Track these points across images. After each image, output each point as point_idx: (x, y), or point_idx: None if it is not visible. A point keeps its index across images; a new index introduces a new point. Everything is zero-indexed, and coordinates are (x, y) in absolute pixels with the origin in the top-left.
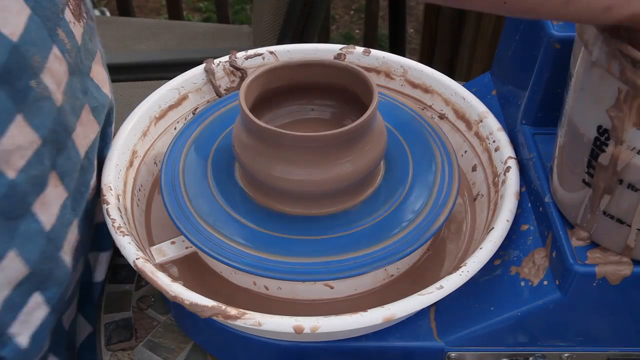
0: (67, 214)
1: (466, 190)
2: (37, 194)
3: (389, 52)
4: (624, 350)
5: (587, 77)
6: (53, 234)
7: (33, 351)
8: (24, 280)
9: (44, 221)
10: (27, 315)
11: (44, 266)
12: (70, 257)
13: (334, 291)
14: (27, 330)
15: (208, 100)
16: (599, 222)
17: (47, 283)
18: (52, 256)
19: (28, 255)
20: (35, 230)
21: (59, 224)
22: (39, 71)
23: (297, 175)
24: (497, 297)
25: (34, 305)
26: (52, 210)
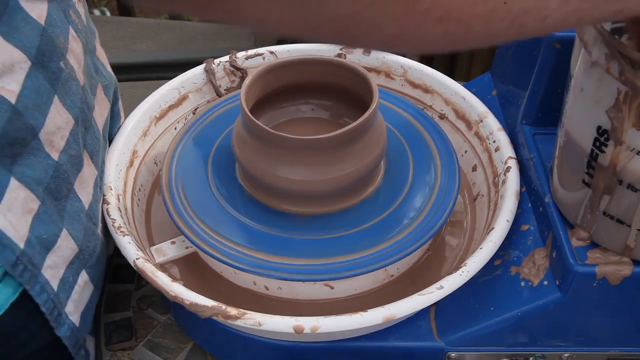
0: (98, 191)
1: (466, 190)
2: (76, 174)
3: (389, 52)
4: (624, 350)
5: (587, 78)
6: (91, 211)
7: (83, 330)
8: (74, 258)
9: (84, 200)
10: (78, 294)
11: (88, 244)
12: (103, 233)
13: (334, 291)
14: (78, 309)
15: (208, 100)
16: (599, 222)
17: (91, 261)
18: (93, 233)
19: (76, 234)
20: (78, 208)
21: (94, 202)
22: (65, 52)
23: (297, 175)
24: (497, 297)
25: (82, 283)
26: (89, 189)
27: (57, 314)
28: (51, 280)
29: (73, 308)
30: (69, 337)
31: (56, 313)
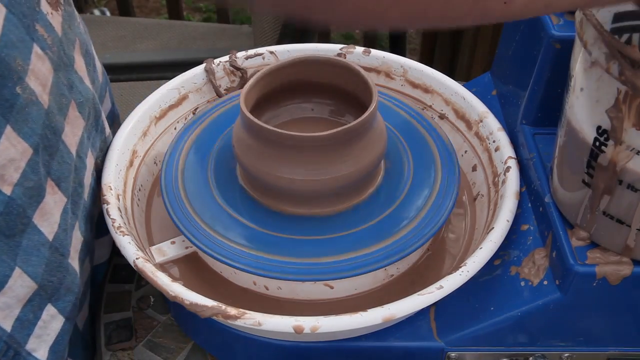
0: (68, 219)
1: (466, 190)
2: (36, 206)
3: (389, 52)
4: (624, 350)
5: (587, 78)
6: (57, 242)
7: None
8: (33, 296)
9: (46, 232)
10: (42, 329)
11: (52, 277)
12: (77, 262)
13: (334, 291)
14: (44, 343)
15: (208, 100)
16: (599, 222)
17: (58, 293)
18: (59, 265)
19: (34, 270)
20: (37, 242)
21: (62, 231)
22: (24, 75)
23: (297, 175)
24: (497, 297)
25: (47, 318)
26: (53, 219)
27: (13, 355)
28: (2, 322)
29: (37, 344)
30: None
31: (12, 354)
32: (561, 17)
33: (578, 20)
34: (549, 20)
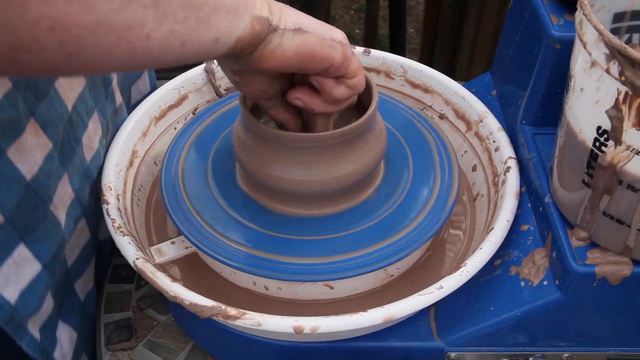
0: (54, 165)
1: (466, 190)
2: (11, 139)
3: (389, 52)
4: (624, 350)
5: (587, 78)
6: (36, 184)
7: (25, 309)
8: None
9: (23, 169)
10: (12, 269)
11: (24, 216)
12: (63, 214)
13: (334, 291)
14: (14, 284)
15: (208, 100)
16: (599, 222)
17: (33, 236)
18: (35, 208)
19: (1, 202)
20: (10, 176)
21: (44, 176)
22: None
23: (297, 175)
24: (497, 297)
25: (19, 259)
26: (34, 159)
27: None
28: None
29: (4, 282)
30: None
31: None
32: (561, 17)
33: (578, 21)
34: (549, 20)
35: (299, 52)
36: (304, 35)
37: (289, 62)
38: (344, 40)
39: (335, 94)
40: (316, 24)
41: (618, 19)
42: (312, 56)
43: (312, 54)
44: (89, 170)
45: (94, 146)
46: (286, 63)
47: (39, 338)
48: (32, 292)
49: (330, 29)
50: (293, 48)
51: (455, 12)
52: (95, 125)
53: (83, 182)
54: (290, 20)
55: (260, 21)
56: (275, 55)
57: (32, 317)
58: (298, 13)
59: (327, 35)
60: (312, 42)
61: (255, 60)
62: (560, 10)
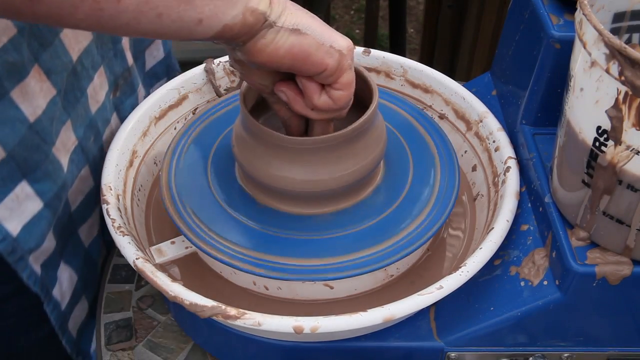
0: (57, 111)
1: (466, 190)
2: (16, 82)
3: (389, 52)
4: (624, 350)
5: (587, 78)
6: (39, 126)
7: (27, 243)
8: (1, 163)
9: (27, 111)
10: (15, 203)
11: (27, 154)
12: (65, 157)
13: (334, 291)
14: (17, 218)
15: (208, 100)
16: (599, 222)
17: (36, 174)
18: (37, 147)
19: (3, 138)
20: (13, 116)
21: (47, 119)
22: None
23: (297, 175)
24: (497, 297)
25: (22, 194)
26: (37, 103)
27: None
28: None
29: (7, 215)
30: (1, 241)
31: None
32: (561, 17)
33: (578, 21)
34: (549, 20)
35: (291, 52)
36: (301, 37)
37: (280, 60)
38: (345, 50)
39: (316, 101)
40: (319, 29)
41: (618, 19)
42: (305, 59)
43: (305, 56)
44: (94, 121)
45: (100, 99)
46: (278, 60)
47: (39, 273)
48: (33, 227)
49: (332, 36)
50: (286, 47)
51: (455, 12)
52: (102, 80)
53: (87, 132)
54: (290, 20)
55: (254, 14)
56: (267, 50)
57: (33, 252)
58: (304, 15)
59: (327, 42)
60: (307, 44)
61: (247, 52)
62: (560, 10)
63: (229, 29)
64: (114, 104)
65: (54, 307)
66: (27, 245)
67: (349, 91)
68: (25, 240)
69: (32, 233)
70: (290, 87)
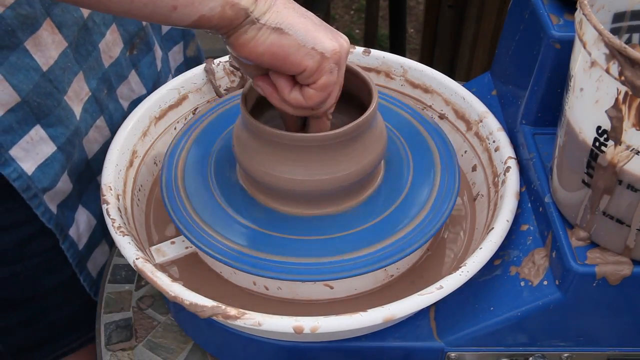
0: (69, 62)
1: (466, 190)
2: (29, 33)
3: (389, 52)
4: (624, 350)
5: (587, 78)
6: (51, 75)
7: (40, 182)
8: (16, 107)
9: (40, 61)
10: (29, 145)
11: (40, 100)
12: (79, 107)
13: (334, 291)
14: (32, 159)
15: (208, 100)
16: (599, 222)
17: (49, 119)
18: (50, 94)
19: (18, 84)
20: (27, 65)
21: (59, 69)
22: None
23: (297, 175)
24: (497, 297)
25: (36, 137)
26: (49, 53)
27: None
28: None
29: (23, 155)
30: (15, 179)
31: None
32: (561, 17)
33: (578, 21)
34: (549, 20)
35: (270, 50)
36: (281, 37)
37: (260, 57)
38: (329, 53)
39: (286, 96)
40: (303, 29)
41: (618, 19)
42: (284, 58)
43: (284, 56)
44: (107, 75)
45: (114, 55)
46: (258, 57)
47: (55, 212)
48: (47, 168)
49: (317, 38)
50: (266, 45)
51: (455, 12)
52: (115, 36)
53: (100, 85)
54: (274, 18)
55: (234, 8)
56: (248, 46)
57: (48, 191)
58: (291, 14)
59: (309, 43)
60: (287, 45)
61: (231, 45)
62: (560, 10)
63: (207, 19)
64: (131, 62)
65: (70, 246)
66: (40, 184)
67: (324, 93)
68: (39, 179)
69: (46, 173)
70: (267, 81)
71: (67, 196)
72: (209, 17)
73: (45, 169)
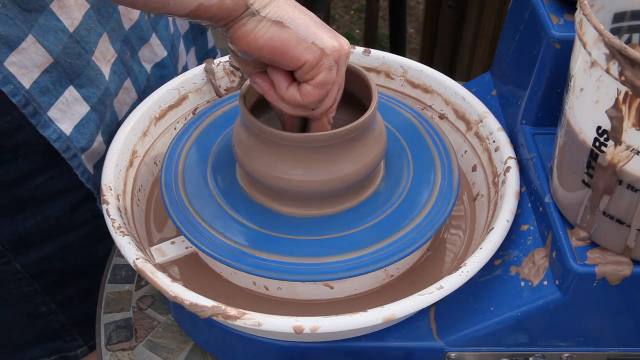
0: (92, 23)
1: (466, 190)
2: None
3: (389, 52)
4: (624, 350)
5: (587, 78)
6: (78, 35)
7: (76, 141)
8: (50, 67)
9: (66, 22)
10: (65, 106)
11: (70, 60)
12: (107, 68)
13: (334, 291)
14: (69, 120)
15: (208, 100)
16: (599, 222)
17: (80, 79)
18: (79, 55)
19: (49, 46)
20: (55, 26)
21: (84, 30)
22: None
23: (297, 175)
24: (497, 297)
25: (70, 98)
26: (74, 15)
27: (33, 112)
28: (19, 77)
29: (60, 116)
30: (56, 140)
31: (31, 110)
32: (561, 17)
33: (578, 21)
34: (549, 20)
35: (270, 43)
36: (282, 30)
37: (259, 51)
38: (329, 50)
39: (283, 92)
40: (303, 24)
41: (618, 19)
42: (284, 52)
43: (283, 49)
44: (129, 37)
45: (133, 17)
46: (257, 50)
47: (92, 172)
48: (83, 128)
49: (318, 34)
50: (266, 37)
51: (455, 12)
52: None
53: (124, 46)
54: (275, 12)
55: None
56: (247, 38)
57: (85, 151)
58: (292, 9)
59: (309, 38)
60: (287, 38)
61: (230, 38)
62: (560, 10)
63: (205, 9)
64: (151, 25)
65: None
66: (79, 143)
67: (322, 91)
68: (77, 139)
69: (83, 133)
70: (264, 78)
71: (102, 157)
72: (207, 6)
73: (82, 129)
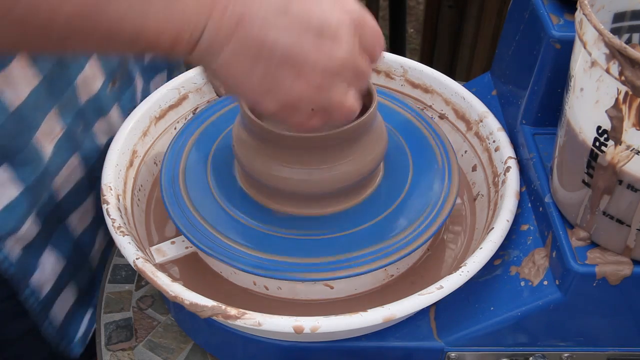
0: (40, 100)
1: (466, 190)
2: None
3: (389, 52)
4: (624, 350)
5: (587, 78)
6: (20, 114)
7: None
8: None
9: (9, 99)
10: None
11: (6, 142)
12: (50, 145)
13: (334, 291)
14: None
15: (208, 100)
16: (599, 222)
17: (16, 159)
18: (19, 135)
19: None
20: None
21: (29, 107)
22: None
23: (297, 175)
24: (497, 297)
25: (1, 178)
26: (20, 90)
27: None
28: None
29: None
30: None
31: None
32: (561, 17)
33: (578, 21)
34: (549, 20)
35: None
36: None
37: None
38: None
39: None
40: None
41: (618, 19)
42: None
43: None
44: (84, 111)
45: (93, 89)
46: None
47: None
48: (12, 211)
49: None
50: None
51: (455, 12)
52: (94, 70)
53: (76, 120)
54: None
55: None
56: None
57: (11, 235)
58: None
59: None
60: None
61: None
62: (560, 10)
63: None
64: (114, 96)
65: (31, 294)
66: (3, 229)
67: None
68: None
69: (10, 217)
70: None
71: (33, 239)
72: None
73: (10, 212)
